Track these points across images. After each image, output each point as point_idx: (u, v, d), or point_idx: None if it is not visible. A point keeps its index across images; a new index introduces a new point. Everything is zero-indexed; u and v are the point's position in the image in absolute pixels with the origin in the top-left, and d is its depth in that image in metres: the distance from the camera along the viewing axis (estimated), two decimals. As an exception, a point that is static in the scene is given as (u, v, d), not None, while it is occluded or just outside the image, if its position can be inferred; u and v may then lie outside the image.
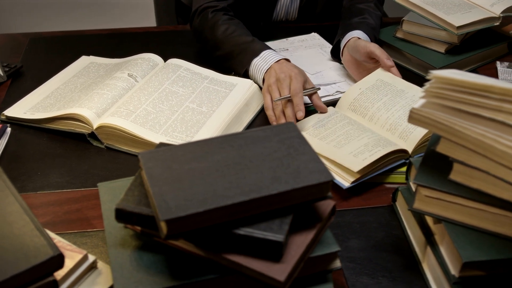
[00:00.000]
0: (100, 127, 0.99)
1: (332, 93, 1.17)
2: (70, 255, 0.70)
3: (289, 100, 1.04)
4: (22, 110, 1.08)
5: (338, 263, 0.69)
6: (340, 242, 0.80)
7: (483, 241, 0.69)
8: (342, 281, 0.75)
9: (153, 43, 1.44)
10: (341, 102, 1.09)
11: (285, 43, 1.42)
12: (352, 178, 0.89)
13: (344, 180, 0.89)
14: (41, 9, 3.14)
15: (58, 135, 1.04)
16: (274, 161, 0.66)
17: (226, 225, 0.62)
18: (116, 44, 1.43)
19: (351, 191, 0.91)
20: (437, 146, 0.70)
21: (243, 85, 1.14)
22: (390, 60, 1.13)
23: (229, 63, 1.22)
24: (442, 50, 1.28)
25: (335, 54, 1.31)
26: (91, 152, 1.01)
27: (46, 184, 0.92)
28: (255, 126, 1.09)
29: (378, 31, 1.33)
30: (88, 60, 1.28)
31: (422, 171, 0.73)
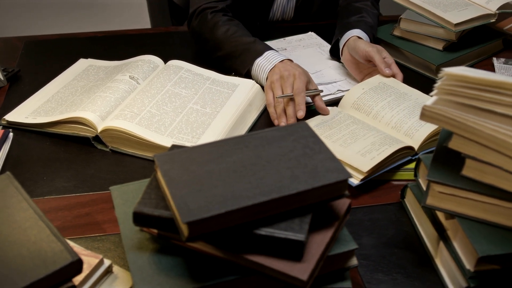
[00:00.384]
0: (104, 130, 0.98)
1: (333, 91, 1.18)
2: (86, 260, 0.69)
3: (291, 98, 1.04)
4: (23, 114, 1.07)
5: (355, 261, 0.69)
6: (352, 240, 0.80)
7: (497, 235, 0.70)
8: (357, 278, 0.75)
9: (149, 45, 1.43)
10: (344, 101, 1.10)
11: (282, 43, 1.43)
12: (361, 176, 0.89)
13: (352, 178, 0.90)
14: (31, 11, 3.11)
15: (61, 139, 1.03)
16: (291, 160, 0.66)
17: (247, 225, 0.62)
18: (112, 46, 1.42)
19: (360, 189, 0.91)
20: (449, 143, 0.71)
21: (246, 85, 1.14)
22: (389, 69, 1.13)
23: (230, 63, 1.22)
24: (439, 47, 1.29)
25: (334, 53, 1.31)
26: (96, 155, 1.00)
27: (53, 189, 0.91)
28: (259, 126, 1.10)
29: (375, 30, 1.34)
30: (86, 62, 1.27)
31: (434, 168, 0.74)
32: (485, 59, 1.35)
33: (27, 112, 1.08)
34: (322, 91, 1.10)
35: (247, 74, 1.19)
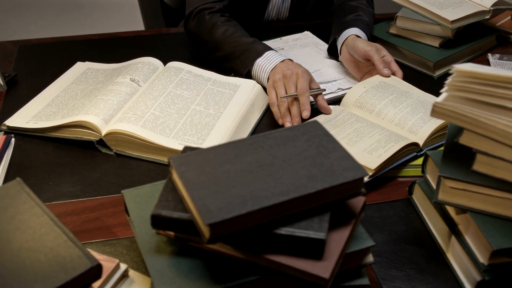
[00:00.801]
0: (109, 134, 0.98)
1: (334, 90, 1.18)
2: (103, 265, 0.69)
3: (295, 98, 1.05)
4: (24, 119, 1.06)
5: (371, 258, 0.70)
6: (363, 237, 0.81)
7: (510, 228, 0.71)
8: (372, 275, 0.76)
9: (146, 47, 1.43)
10: (346, 100, 1.10)
11: (279, 43, 1.43)
12: (369, 174, 0.90)
13: (360, 176, 0.91)
14: (19, 15, 3.07)
15: (64, 144, 1.02)
16: (306, 160, 0.66)
17: (266, 225, 0.62)
18: (108, 48, 1.41)
19: (368, 186, 0.92)
20: (460, 138, 0.72)
21: (247, 85, 1.14)
22: (387, 69, 1.14)
23: (230, 64, 1.22)
24: (436, 44, 1.31)
25: (332, 52, 1.32)
26: (100, 159, 0.99)
27: (59, 194, 0.90)
28: (262, 126, 1.10)
29: (372, 28, 1.35)
30: (84, 66, 1.26)
31: (445, 164, 0.75)
32: (480, 55, 1.37)
33: (28, 117, 1.06)
34: (324, 90, 1.10)
35: (247, 75, 1.19)
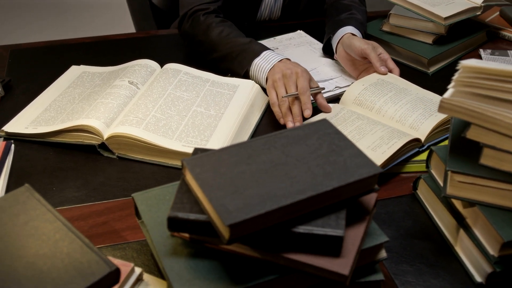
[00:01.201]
0: (111, 137, 0.97)
1: (331, 88, 1.19)
2: (118, 269, 0.68)
3: (296, 97, 1.05)
4: (23, 125, 1.04)
5: (384, 253, 0.71)
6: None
7: (518, 220, 0.72)
8: (384, 271, 0.77)
9: (139, 49, 1.42)
10: (345, 98, 1.11)
11: (273, 42, 1.43)
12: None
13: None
14: (6, 18, 3.02)
15: (65, 148, 1.01)
16: (320, 158, 0.67)
17: (284, 224, 0.62)
18: (101, 52, 1.40)
19: (372, 183, 0.93)
20: (467, 133, 0.73)
21: (245, 86, 1.14)
22: (384, 67, 1.15)
23: (227, 65, 1.22)
24: (429, 41, 1.32)
25: (327, 51, 1.33)
26: (103, 163, 0.98)
27: (64, 199, 0.90)
28: (263, 126, 1.10)
29: (365, 26, 1.36)
30: (79, 69, 1.25)
31: (452, 158, 0.76)
32: (471, 51, 1.39)
33: (26, 122, 1.05)
34: (324, 89, 1.11)
35: (245, 75, 1.19)
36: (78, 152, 1.01)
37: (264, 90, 1.16)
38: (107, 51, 1.40)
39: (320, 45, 1.39)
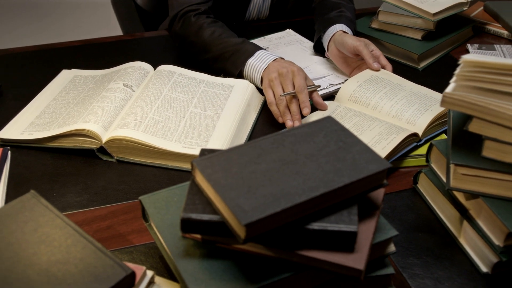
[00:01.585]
0: (110, 141, 0.96)
1: (325, 86, 1.20)
2: (130, 273, 0.68)
3: (293, 96, 1.06)
4: (18, 131, 1.03)
5: (393, 247, 0.72)
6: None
7: (521, 210, 0.74)
8: (392, 264, 0.77)
9: (128, 51, 1.41)
10: (340, 95, 1.12)
11: (263, 42, 1.44)
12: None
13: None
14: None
15: (62, 153, 1.00)
16: (329, 155, 0.67)
17: (298, 222, 0.62)
18: (91, 55, 1.39)
19: (373, 179, 0.94)
20: (469, 126, 0.74)
21: (241, 85, 1.15)
22: (377, 63, 1.17)
23: (220, 65, 1.21)
24: (418, 37, 1.34)
25: (317, 49, 1.34)
26: (102, 167, 0.97)
27: (66, 204, 0.89)
28: (260, 125, 1.10)
29: (355, 23, 1.37)
30: (71, 73, 1.23)
31: (455, 151, 0.77)
32: (459, 46, 1.41)
33: (21, 128, 1.04)
34: (319, 87, 1.11)
35: (239, 75, 1.19)
36: (76, 156, 1.00)
37: (258, 89, 1.16)
38: (97, 54, 1.39)
39: (310, 43, 1.40)
